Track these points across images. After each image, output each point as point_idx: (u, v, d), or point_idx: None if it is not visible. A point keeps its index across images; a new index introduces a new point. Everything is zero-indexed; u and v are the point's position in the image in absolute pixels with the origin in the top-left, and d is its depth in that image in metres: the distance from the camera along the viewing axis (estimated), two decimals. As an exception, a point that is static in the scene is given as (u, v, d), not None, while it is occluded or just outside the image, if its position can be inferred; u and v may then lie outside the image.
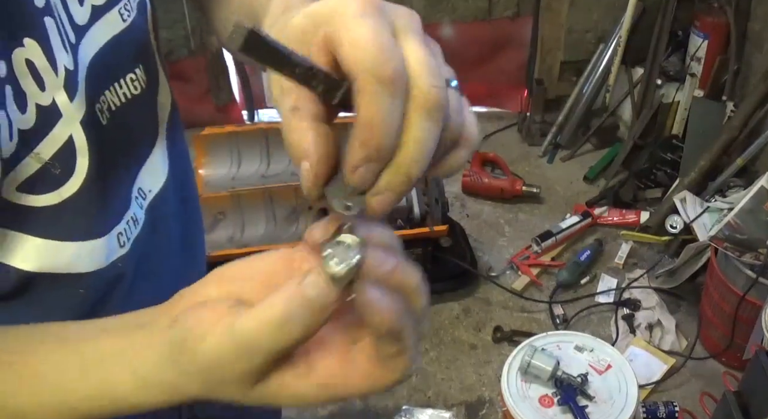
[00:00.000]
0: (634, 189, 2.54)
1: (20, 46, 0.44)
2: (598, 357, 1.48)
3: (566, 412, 1.38)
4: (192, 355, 0.39)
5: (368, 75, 0.33)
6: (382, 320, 0.36)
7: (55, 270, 0.50)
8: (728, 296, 1.82)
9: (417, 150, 0.35)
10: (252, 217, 2.30)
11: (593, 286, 2.25)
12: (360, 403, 1.94)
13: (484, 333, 2.11)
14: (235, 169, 2.46)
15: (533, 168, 2.78)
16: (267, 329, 0.36)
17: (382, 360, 0.39)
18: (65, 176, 0.49)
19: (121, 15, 0.54)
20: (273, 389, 0.39)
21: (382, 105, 0.33)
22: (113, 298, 0.56)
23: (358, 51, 0.33)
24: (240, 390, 0.39)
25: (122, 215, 0.56)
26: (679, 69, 2.63)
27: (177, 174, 0.65)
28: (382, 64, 0.33)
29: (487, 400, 1.92)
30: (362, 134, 0.34)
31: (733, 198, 2.10)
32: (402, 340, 0.38)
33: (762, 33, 2.43)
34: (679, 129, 2.63)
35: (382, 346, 0.38)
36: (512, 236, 2.46)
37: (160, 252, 0.62)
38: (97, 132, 0.51)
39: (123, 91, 0.56)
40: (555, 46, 2.83)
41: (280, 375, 0.39)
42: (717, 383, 1.82)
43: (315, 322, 0.36)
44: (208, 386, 0.40)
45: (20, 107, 0.45)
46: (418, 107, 0.34)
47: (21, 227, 0.48)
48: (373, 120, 0.33)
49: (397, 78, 0.33)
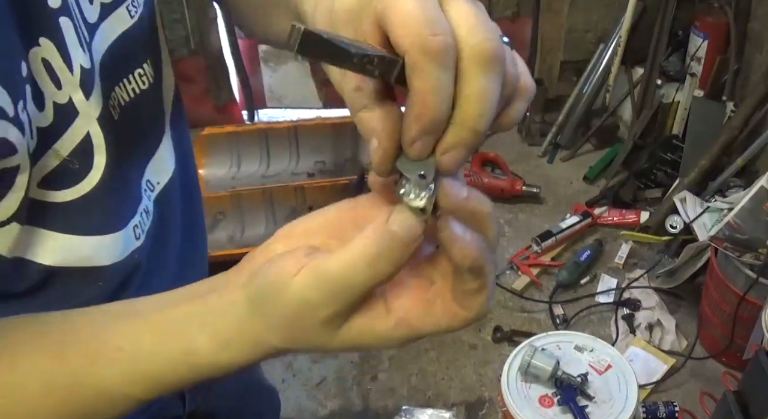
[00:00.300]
0: (634, 189, 2.54)
1: (36, 45, 0.45)
2: (598, 357, 1.48)
3: (566, 412, 1.38)
4: (277, 303, 0.39)
5: (416, 50, 0.33)
6: (464, 255, 0.37)
7: (76, 264, 0.51)
8: (728, 296, 1.82)
9: (480, 104, 0.35)
10: (252, 217, 2.30)
11: (593, 286, 2.25)
12: (360, 403, 1.94)
13: (484, 333, 2.11)
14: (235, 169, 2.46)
15: (533, 168, 2.78)
16: (358, 267, 0.37)
17: (460, 297, 0.39)
18: (84, 171, 0.50)
19: (128, 11, 0.55)
20: (355, 332, 0.39)
21: (432, 79, 0.34)
22: (129, 289, 0.57)
23: (404, 27, 0.34)
24: (325, 336, 0.39)
25: (137, 208, 0.57)
26: (679, 69, 2.63)
27: (182, 166, 0.66)
28: (428, 38, 0.33)
29: (487, 400, 1.92)
30: (416, 109, 0.34)
31: (733, 198, 2.10)
32: (482, 276, 0.38)
33: (762, 33, 2.43)
34: (679, 129, 2.63)
35: (463, 282, 0.39)
36: (512, 236, 2.46)
37: (167, 243, 0.64)
38: (112, 128, 0.52)
39: (132, 86, 0.56)
40: (555, 46, 2.83)
41: (361, 316, 0.39)
42: (717, 383, 1.82)
43: (402, 258, 0.37)
44: (294, 334, 0.40)
45: (38, 106, 0.46)
46: (474, 62, 0.34)
47: (43, 223, 0.49)
48: (425, 94, 0.34)
49: (444, 50, 0.33)
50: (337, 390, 1.98)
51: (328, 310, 0.38)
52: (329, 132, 2.50)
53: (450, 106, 0.35)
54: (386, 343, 0.40)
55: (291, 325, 0.40)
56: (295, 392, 1.97)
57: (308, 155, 2.52)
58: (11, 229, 0.45)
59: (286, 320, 0.39)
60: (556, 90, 2.91)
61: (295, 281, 0.38)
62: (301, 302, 0.38)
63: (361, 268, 0.37)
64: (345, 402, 1.95)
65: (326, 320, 0.39)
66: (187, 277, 0.68)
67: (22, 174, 0.44)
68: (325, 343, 0.40)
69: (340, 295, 0.38)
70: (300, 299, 0.38)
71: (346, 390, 1.98)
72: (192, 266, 0.70)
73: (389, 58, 0.35)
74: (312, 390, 1.98)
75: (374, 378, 2.00)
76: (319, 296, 0.38)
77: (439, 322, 0.40)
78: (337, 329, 0.39)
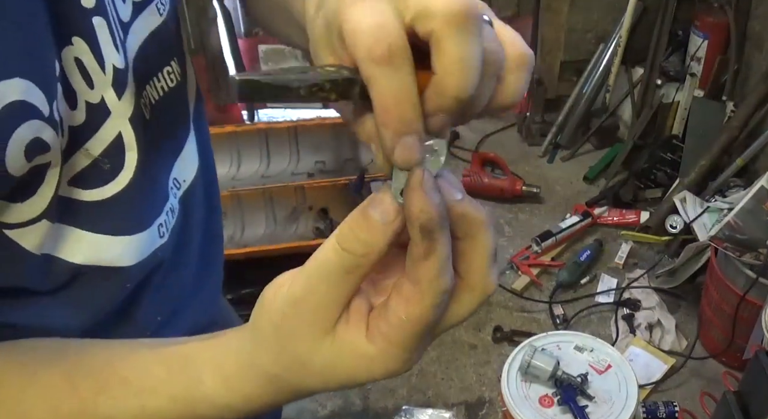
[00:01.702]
0: (634, 189, 2.54)
1: (69, 44, 0.45)
2: (598, 357, 1.48)
3: (566, 412, 1.38)
4: (265, 315, 0.39)
5: (365, 63, 0.33)
6: (422, 209, 0.34)
7: (101, 264, 0.51)
8: (728, 296, 1.82)
9: (457, 69, 0.33)
10: (252, 217, 2.30)
11: (593, 286, 2.25)
12: (360, 403, 1.94)
13: (484, 333, 2.11)
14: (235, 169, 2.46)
15: (533, 168, 2.78)
16: (331, 250, 0.37)
17: (410, 269, 0.37)
18: (115, 171, 0.50)
19: (158, 9, 0.55)
20: (339, 344, 0.38)
21: (385, 85, 0.33)
22: (150, 286, 0.57)
23: (353, 40, 0.33)
24: (312, 342, 0.38)
25: (163, 207, 0.57)
26: (679, 69, 2.63)
27: (204, 163, 0.66)
28: (372, 46, 0.32)
29: (487, 400, 1.92)
30: (380, 118, 0.34)
31: (733, 198, 2.10)
32: (433, 241, 0.35)
33: (762, 33, 2.43)
34: (679, 129, 2.63)
35: (412, 246, 0.36)
36: (512, 236, 2.46)
37: (189, 241, 0.64)
38: (143, 127, 0.52)
39: (161, 84, 0.56)
40: (555, 46, 2.83)
41: (347, 327, 0.38)
42: (717, 383, 1.82)
43: (374, 239, 0.36)
44: (282, 344, 0.39)
45: (71, 104, 0.46)
46: (444, 27, 0.33)
47: (72, 222, 0.49)
48: (385, 102, 0.33)
49: (389, 52, 0.32)
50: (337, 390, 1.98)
51: (310, 302, 0.37)
52: (329, 132, 2.50)
53: (416, 102, 0.34)
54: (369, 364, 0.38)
55: (278, 333, 0.39)
56: (295, 392, 1.97)
57: (308, 155, 2.52)
58: (41, 226, 0.45)
59: (273, 328, 0.39)
60: (556, 90, 2.91)
61: (282, 289, 0.39)
62: (287, 301, 0.38)
63: (332, 249, 0.37)
64: (345, 402, 1.95)
65: (311, 320, 0.38)
66: (206, 275, 0.68)
67: (52, 170, 0.45)
68: (311, 357, 0.39)
69: (319, 283, 0.37)
70: (285, 300, 0.38)
71: (345, 390, 1.98)
72: (211, 265, 0.70)
73: (343, 79, 0.34)
74: (312, 390, 1.98)
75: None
76: (300, 289, 0.38)
77: (398, 314, 0.37)
78: (324, 335, 0.38)
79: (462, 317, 0.40)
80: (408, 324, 0.37)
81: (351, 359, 0.38)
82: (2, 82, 0.38)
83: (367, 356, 0.38)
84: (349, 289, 0.38)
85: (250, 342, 0.41)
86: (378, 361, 0.38)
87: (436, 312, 0.37)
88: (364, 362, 0.38)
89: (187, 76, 0.62)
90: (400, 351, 0.38)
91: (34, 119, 0.41)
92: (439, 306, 0.37)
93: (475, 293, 0.39)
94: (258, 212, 2.30)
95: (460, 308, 0.40)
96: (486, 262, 0.38)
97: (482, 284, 0.39)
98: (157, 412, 0.43)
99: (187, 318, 0.65)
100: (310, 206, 2.30)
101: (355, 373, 0.39)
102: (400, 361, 0.38)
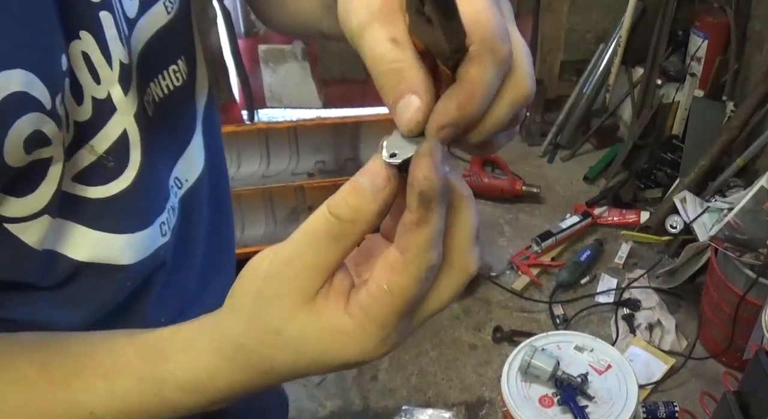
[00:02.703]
0: (634, 189, 2.54)
1: (77, 38, 0.45)
2: (598, 357, 1.48)
3: (566, 412, 1.38)
4: (244, 284, 0.39)
5: (486, 47, 0.34)
6: (426, 175, 0.34)
7: (103, 261, 0.51)
8: (728, 296, 1.82)
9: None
10: (252, 217, 2.30)
11: (593, 286, 2.25)
12: (360, 403, 1.94)
13: (484, 333, 2.11)
14: (235, 169, 2.46)
15: (533, 168, 2.78)
16: (319, 214, 0.37)
17: (401, 235, 0.36)
18: (119, 169, 0.50)
19: (166, 7, 0.55)
20: (316, 316, 0.38)
21: (489, 77, 0.34)
22: (154, 285, 0.57)
23: (478, 23, 0.34)
24: (288, 310, 0.38)
25: (164, 205, 0.57)
26: (679, 69, 2.63)
27: (212, 164, 0.65)
28: (500, 43, 0.34)
29: (487, 400, 1.92)
30: (462, 97, 0.34)
31: (733, 198, 2.10)
32: (428, 211, 0.35)
33: (762, 33, 2.43)
34: (679, 129, 2.63)
35: (407, 211, 0.36)
36: (512, 236, 2.46)
37: (192, 241, 0.63)
38: (147, 125, 0.52)
39: (166, 83, 0.56)
40: (555, 46, 2.83)
41: (326, 299, 0.38)
42: (717, 383, 1.82)
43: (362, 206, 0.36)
44: (259, 310, 0.39)
45: (77, 100, 0.46)
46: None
47: (75, 218, 0.49)
48: (476, 88, 0.34)
49: (509, 59, 0.35)
50: (336, 390, 1.98)
51: (295, 266, 0.37)
52: (329, 132, 2.50)
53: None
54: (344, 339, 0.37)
55: (256, 298, 0.39)
56: (295, 392, 1.97)
57: (308, 155, 2.52)
58: (42, 221, 0.45)
59: (252, 294, 0.39)
60: (556, 90, 2.91)
61: (268, 257, 0.38)
62: (272, 265, 0.38)
63: (322, 215, 0.36)
64: (345, 402, 1.95)
65: (292, 285, 0.37)
66: (213, 277, 0.68)
67: (54, 166, 0.44)
68: (284, 325, 0.38)
69: (306, 249, 0.37)
70: (270, 264, 0.38)
71: (345, 390, 1.98)
72: (218, 267, 0.70)
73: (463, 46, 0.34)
74: (312, 390, 1.98)
75: (374, 378, 2.00)
76: (287, 253, 0.37)
77: (380, 282, 0.36)
78: (302, 303, 0.37)
79: (444, 301, 0.39)
80: (389, 295, 0.36)
81: (325, 332, 0.37)
82: (4, 72, 0.38)
83: (342, 330, 0.37)
84: (334, 257, 0.37)
85: (225, 312, 0.41)
86: (353, 337, 0.37)
87: (420, 287, 0.36)
88: (338, 337, 0.37)
89: (197, 75, 0.62)
90: (377, 327, 0.37)
91: (35, 112, 0.41)
92: (423, 282, 0.36)
93: (455, 272, 0.38)
94: (258, 212, 2.30)
95: (441, 292, 0.39)
96: (468, 239, 0.38)
97: (462, 262, 0.38)
98: (124, 394, 0.43)
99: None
100: (310, 206, 2.30)
101: (327, 349, 0.38)
102: (375, 339, 0.37)
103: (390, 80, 0.35)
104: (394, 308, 0.36)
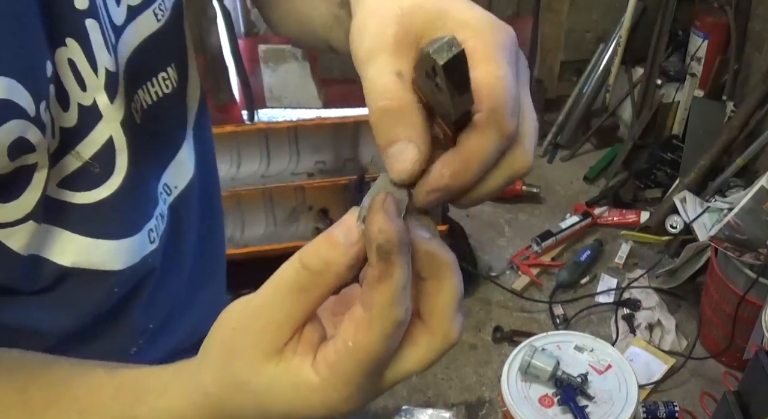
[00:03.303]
0: (634, 189, 2.54)
1: (63, 45, 0.45)
2: (598, 357, 1.48)
3: (566, 412, 1.38)
4: (214, 336, 0.39)
5: (492, 119, 0.34)
6: (381, 228, 0.33)
7: (89, 267, 0.51)
8: (728, 296, 1.82)
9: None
10: (252, 217, 2.30)
11: (593, 286, 2.25)
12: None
13: (484, 333, 2.11)
14: (235, 169, 2.46)
15: (533, 168, 2.78)
16: (289, 264, 0.36)
17: (365, 292, 0.35)
18: (105, 175, 0.50)
19: (155, 15, 0.54)
20: (284, 369, 0.37)
21: (489, 151, 0.34)
22: (143, 292, 0.57)
23: (492, 91, 0.33)
24: (258, 365, 0.37)
25: (153, 212, 0.57)
26: (679, 69, 2.63)
27: (203, 171, 0.65)
28: (508, 119, 0.34)
29: (487, 400, 1.92)
30: (458, 166, 0.34)
31: (733, 198, 2.10)
32: (390, 265, 0.34)
33: (762, 33, 2.43)
34: (679, 129, 2.63)
35: (369, 267, 0.35)
36: (512, 236, 2.46)
37: (182, 248, 0.63)
38: (134, 132, 0.52)
39: (155, 90, 0.56)
40: (555, 46, 2.83)
41: (293, 353, 0.37)
42: (717, 383, 1.82)
43: (333, 258, 0.35)
44: (227, 362, 0.38)
45: (63, 106, 0.46)
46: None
47: (60, 223, 0.49)
48: (474, 159, 0.34)
49: (514, 135, 0.34)
50: (337, 390, 1.98)
51: (262, 318, 0.36)
52: (329, 132, 2.50)
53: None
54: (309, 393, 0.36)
55: (225, 349, 0.38)
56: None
57: (308, 155, 2.52)
58: (27, 227, 0.45)
59: (221, 344, 0.38)
60: (556, 90, 2.91)
61: (239, 305, 0.38)
62: (241, 315, 0.37)
63: (292, 265, 0.36)
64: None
65: (258, 338, 0.36)
66: (203, 283, 0.67)
67: (39, 172, 0.44)
68: (251, 378, 0.37)
69: (273, 299, 0.36)
70: (240, 314, 0.37)
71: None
72: (208, 273, 0.70)
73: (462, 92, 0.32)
74: (312, 390, 1.98)
75: (374, 378, 2.00)
76: (255, 305, 0.37)
77: (346, 339, 0.35)
78: (269, 356, 0.36)
79: (421, 364, 0.38)
80: (354, 352, 0.35)
81: (291, 386, 0.37)
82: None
83: (308, 385, 0.36)
84: (303, 309, 0.36)
85: (198, 360, 0.40)
86: (318, 392, 0.36)
87: (386, 344, 0.35)
88: (303, 391, 0.36)
89: (188, 83, 0.62)
90: (342, 383, 0.36)
91: (18, 119, 0.41)
92: (390, 338, 0.35)
93: (436, 339, 0.37)
94: (258, 212, 2.30)
95: (417, 353, 0.37)
96: (450, 306, 0.37)
97: (444, 330, 0.37)
98: None
99: (181, 327, 0.64)
100: (310, 206, 2.30)
101: (293, 402, 0.37)
102: (341, 395, 0.36)
103: (386, 119, 0.34)
104: (360, 366, 0.35)
